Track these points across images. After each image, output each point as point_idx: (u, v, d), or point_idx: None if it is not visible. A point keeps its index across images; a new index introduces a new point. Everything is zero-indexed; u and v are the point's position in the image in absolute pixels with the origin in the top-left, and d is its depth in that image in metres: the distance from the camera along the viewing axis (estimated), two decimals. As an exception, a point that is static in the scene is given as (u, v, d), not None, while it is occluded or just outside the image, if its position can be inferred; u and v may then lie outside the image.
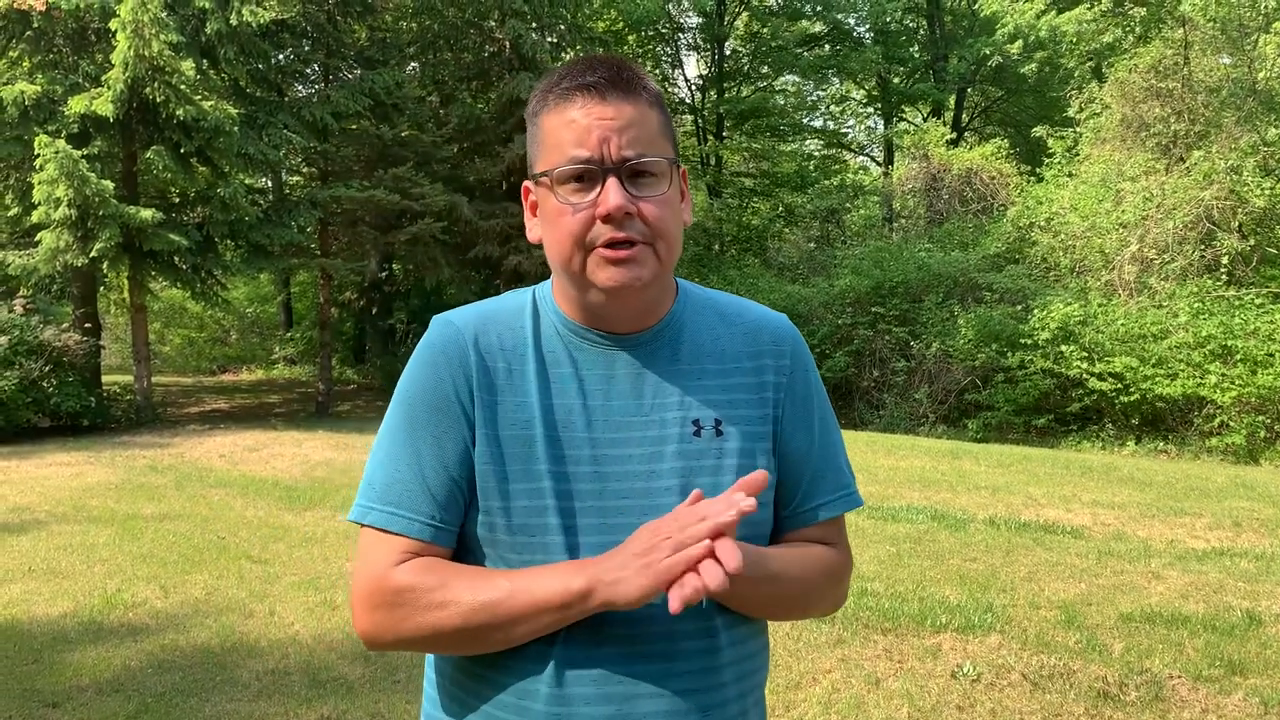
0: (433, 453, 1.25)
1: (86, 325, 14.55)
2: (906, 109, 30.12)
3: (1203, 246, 15.66)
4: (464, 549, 1.27)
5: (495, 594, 1.17)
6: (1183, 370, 13.62)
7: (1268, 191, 15.14)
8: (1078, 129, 20.17)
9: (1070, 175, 19.66)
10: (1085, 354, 14.40)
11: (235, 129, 13.27)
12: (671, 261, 1.25)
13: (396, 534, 1.23)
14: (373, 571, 1.23)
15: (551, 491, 1.23)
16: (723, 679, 1.26)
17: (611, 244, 1.20)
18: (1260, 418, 12.99)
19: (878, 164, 31.60)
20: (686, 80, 30.48)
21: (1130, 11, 21.97)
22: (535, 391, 1.26)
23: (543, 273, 11.44)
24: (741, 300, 1.41)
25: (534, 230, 1.31)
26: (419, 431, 1.26)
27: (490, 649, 1.21)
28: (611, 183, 1.19)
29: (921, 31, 29.69)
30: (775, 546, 1.33)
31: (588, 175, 1.20)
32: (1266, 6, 15.91)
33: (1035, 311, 15.32)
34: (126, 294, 15.73)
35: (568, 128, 1.21)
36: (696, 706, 1.23)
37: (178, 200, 15.41)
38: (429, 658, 1.37)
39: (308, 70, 17.36)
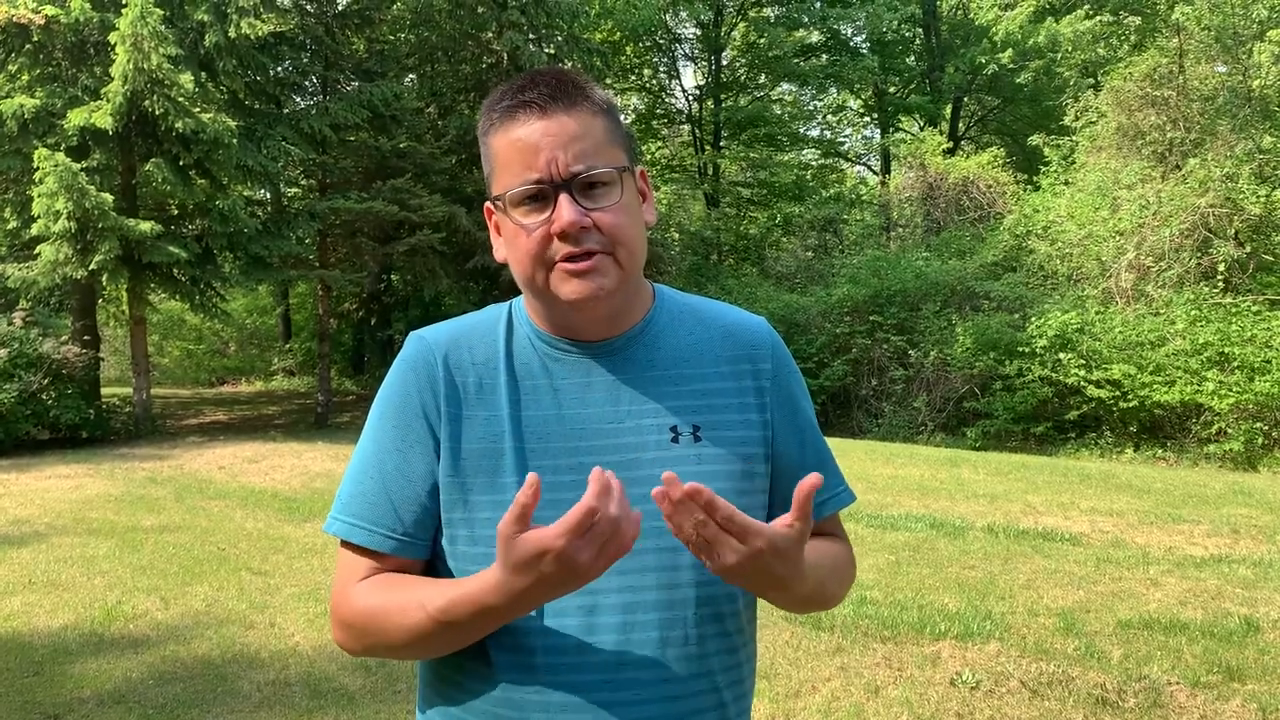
0: (398, 467, 1.26)
1: (85, 338, 14.55)
2: (903, 118, 30.20)
3: (1199, 254, 15.69)
4: (437, 560, 1.28)
5: (425, 628, 1.17)
6: (1180, 377, 13.64)
7: (1263, 199, 15.17)
8: (1074, 137, 20.23)
9: (1067, 183, 19.72)
10: (1083, 362, 14.42)
11: (234, 141, 13.29)
12: (634, 266, 1.25)
13: (359, 545, 1.26)
14: (339, 586, 1.27)
15: None
16: (708, 686, 1.26)
17: (570, 258, 1.21)
18: (1258, 424, 13.01)
19: (875, 173, 31.67)
20: (684, 90, 30.60)
21: (1125, 20, 22.08)
22: (506, 405, 1.27)
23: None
24: (718, 304, 1.41)
25: (499, 250, 1.30)
26: (386, 446, 1.28)
27: (451, 651, 1.22)
28: (563, 199, 1.19)
29: (918, 41, 29.79)
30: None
31: (539, 194, 1.20)
32: (1260, 15, 15.98)
33: (1033, 319, 15.35)
34: (125, 306, 15.77)
35: (513, 147, 1.21)
36: (679, 715, 1.23)
37: (177, 212, 15.43)
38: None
39: (306, 82, 17.40)
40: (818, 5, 27.26)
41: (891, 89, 29.40)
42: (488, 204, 1.30)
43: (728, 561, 1.07)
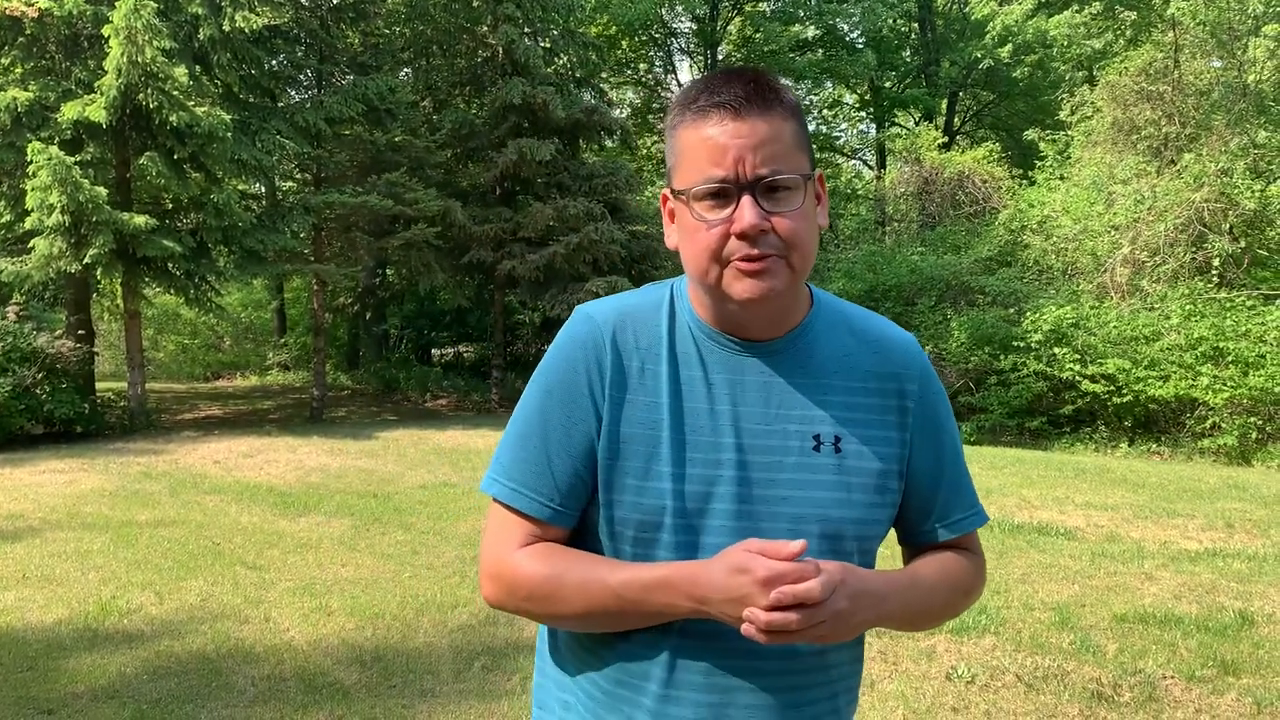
0: (560, 441, 1.31)
1: (80, 332, 14.51)
2: (899, 113, 30.20)
3: (1194, 249, 15.71)
4: (586, 534, 1.34)
5: (605, 601, 1.25)
6: (1175, 372, 13.66)
7: (1258, 193, 15.20)
8: (1069, 132, 20.25)
9: (1062, 178, 19.74)
10: (1078, 356, 14.44)
11: (228, 135, 13.25)
12: (805, 271, 1.27)
13: (519, 510, 1.32)
14: (497, 549, 1.33)
15: (671, 493, 1.27)
16: (824, 678, 1.31)
17: (745, 258, 1.23)
18: (1252, 419, 13.03)
19: (870, 168, 31.68)
20: (680, 85, 30.53)
21: (1120, 15, 22.08)
22: (667, 393, 1.30)
23: (536, 277, 11.45)
24: (873, 315, 1.43)
25: (671, 238, 1.34)
26: (551, 419, 1.32)
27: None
28: (746, 201, 1.21)
29: (913, 36, 29.76)
30: (924, 563, 1.41)
31: (723, 193, 1.23)
32: (1255, 9, 15.99)
33: (1028, 314, 15.36)
34: (120, 300, 15.70)
35: (703, 145, 1.23)
36: (793, 703, 1.28)
37: (171, 206, 15.38)
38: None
39: (301, 76, 17.35)
40: (813, 0, 27.24)
41: (887, 84, 29.38)
42: (664, 191, 1.33)
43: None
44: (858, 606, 1.19)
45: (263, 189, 18.04)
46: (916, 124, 28.21)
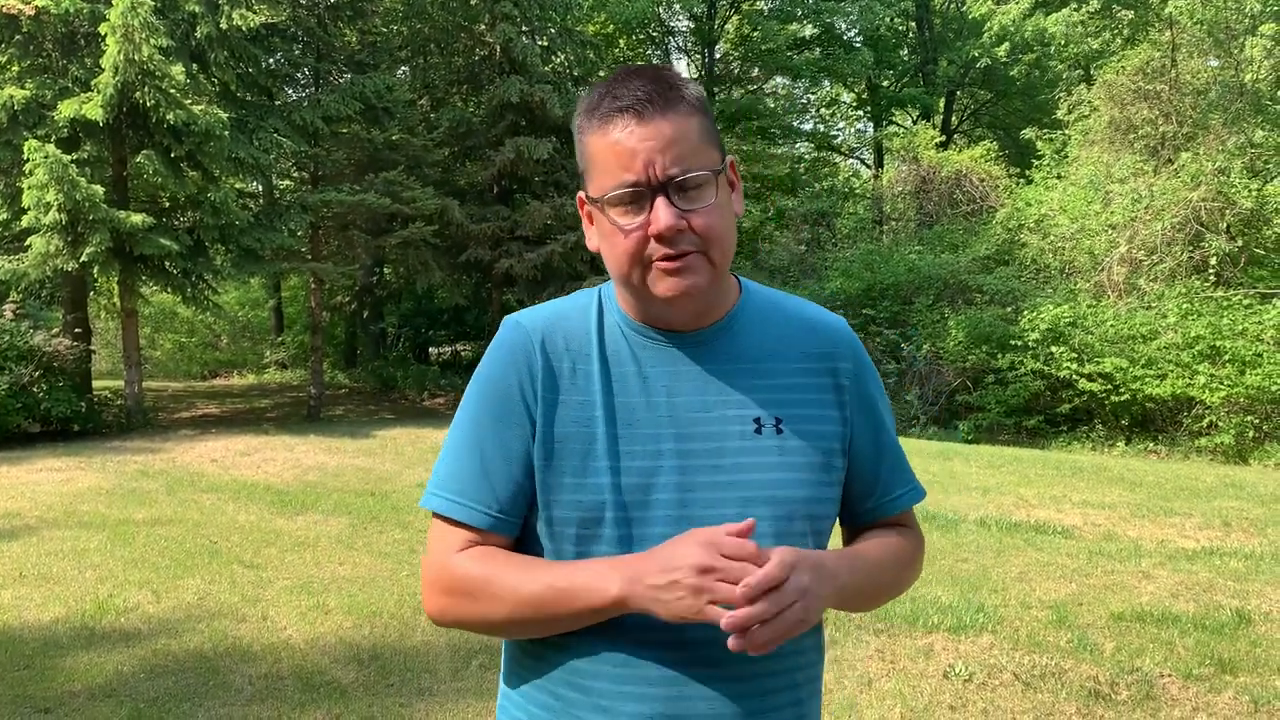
0: (496, 448, 1.31)
1: (77, 330, 14.49)
2: (896, 112, 30.20)
3: (1191, 248, 15.73)
4: (529, 539, 1.33)
5: (537, 591, 1.24)
6: (1172, 371, 13.67)
7: (1255, 192, 15.22)
8: (1066, 131, 20.26)
9: (1059, 177, 19.76)
10: (1075, 355, 14.45)
11: (225, 133, 13.22)
12: (725, 263, 1.29)
13: (458, 521, 1.31)
14: (437, 558, 1.32)
15: (609, 486, 1.27)
16: (781, 666, 1.30)
17: (666, 258, 1.24)
18: (1249, 418, 13.04)
19: (868, 167, 31.69)
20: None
21: (1118, 14, 22.09)
22: (599, 390, 1.31)
23: (533, 275, 11.43)
24: (800, 300, 1.45)
25: (592, 239, 1.35)
26: (485, 427, 1.33)
27: (542, 635, 1.29)
28: (660, 203, 1.22)
29: (911, 35, 29.76)
30: (866, 542, 1.40)
31: (636, 197, 1.23)
32: (1252, 8, 16.00)
33: (1025, 313, 15.37)
34: (117, 299, 15.66)
35: (612, 151, 1.24)
36: (751, 692, 1.26)
37: (168, 205, 15.34)
38: None
39: (298, 74, 17.33)
40: (811, -1, 27.25)
41: (885, 83, 29.38)
42: (580, 194, 1.34)
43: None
44: (818, 581, 1.19)
45: (260, 187, 17.99)
46: (914, 123, 28.22)
